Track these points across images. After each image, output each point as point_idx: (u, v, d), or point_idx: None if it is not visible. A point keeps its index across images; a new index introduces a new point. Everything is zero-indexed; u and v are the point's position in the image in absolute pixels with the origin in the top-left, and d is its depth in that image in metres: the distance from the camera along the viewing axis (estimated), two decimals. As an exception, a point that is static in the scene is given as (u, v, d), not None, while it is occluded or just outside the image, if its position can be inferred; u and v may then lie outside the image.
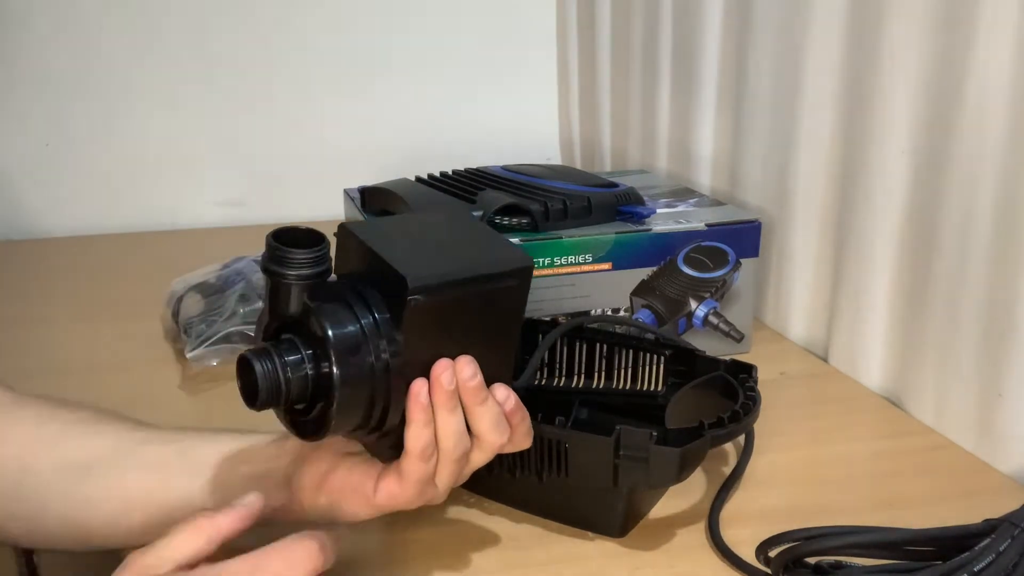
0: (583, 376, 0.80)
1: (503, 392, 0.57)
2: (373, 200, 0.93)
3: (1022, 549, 0.53)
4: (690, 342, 0.83)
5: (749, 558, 0.62)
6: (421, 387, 0.54)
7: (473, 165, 0.97)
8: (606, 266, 0.88)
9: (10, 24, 1.28)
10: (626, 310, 0.89)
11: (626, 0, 1.25)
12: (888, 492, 0.72)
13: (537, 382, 0.79)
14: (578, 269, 0.87)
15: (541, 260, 0.85)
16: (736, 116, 1.05)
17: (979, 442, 0.76)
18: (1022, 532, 0.54)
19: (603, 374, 0.79)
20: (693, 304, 0.91)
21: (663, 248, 0.89)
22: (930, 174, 0.78)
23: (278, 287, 0.52)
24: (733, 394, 0.70)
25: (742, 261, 0.91)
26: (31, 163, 1.34)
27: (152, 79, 1.34)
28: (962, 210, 0.75)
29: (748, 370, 0.72)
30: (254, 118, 1.39)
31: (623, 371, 0.79)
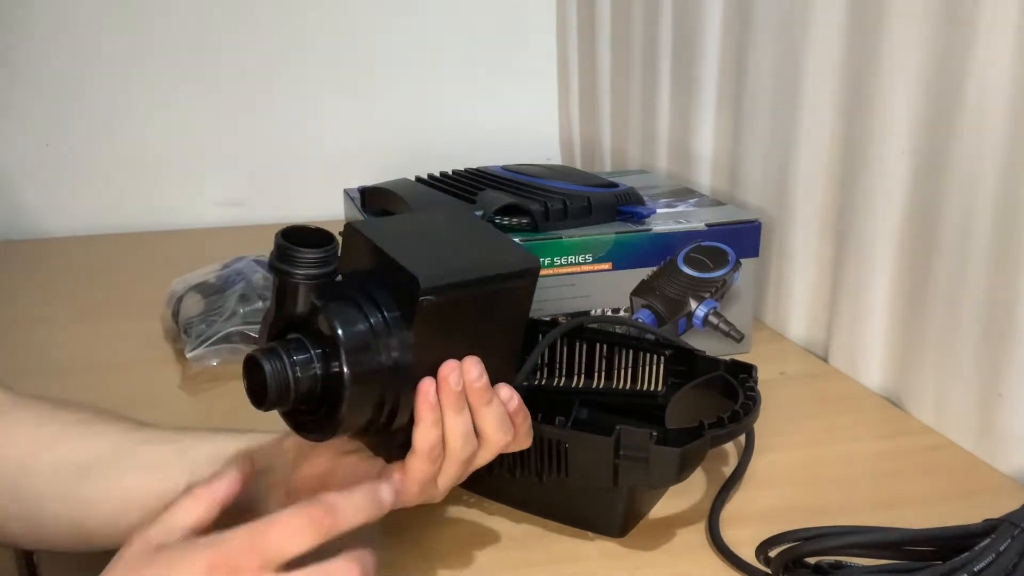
0: (583, 376, 0.80)
1: (507, 392, 0.57)
2: (373, 200, 0.93)
3: (1022, 549, 0.53)
4: (690, 342, 0.83)
5: (749, 558, 0.62)
6: (430, 386, 0.54)
7: (473, 165, 0.97)
8: (606, 266, 0.88)
9: (10, 24, 1.28)
10: (626, 310, 0.89)
11: (626, 0, 1.25)
12: (888, 492, 0.72)
13: (537, 382, 0.79)
14: (578, 269, 0.87)
15: (541, 260, 0.85)
16: (736, 116, 1.05)
17: (979, 442, 0.76)
18: (1022, 532, 0.54)
19: (603, 374, 0.79)
20: (693, 304, 0.91)
21: (663, 248, 0.89)
22: (930, 174, 0.78)
23: (285, 286, 0.52)
24: (733, 394, 0.70)
25: (742, 261, 0.91)
26: (31, 163, 1.34)
27: (152, 79, 1.34)
28: (962, 210, 0.75)
29: (748, 370, 0.72)
30: (254, 118, 1.39)
31: (623, 371, 0.79)
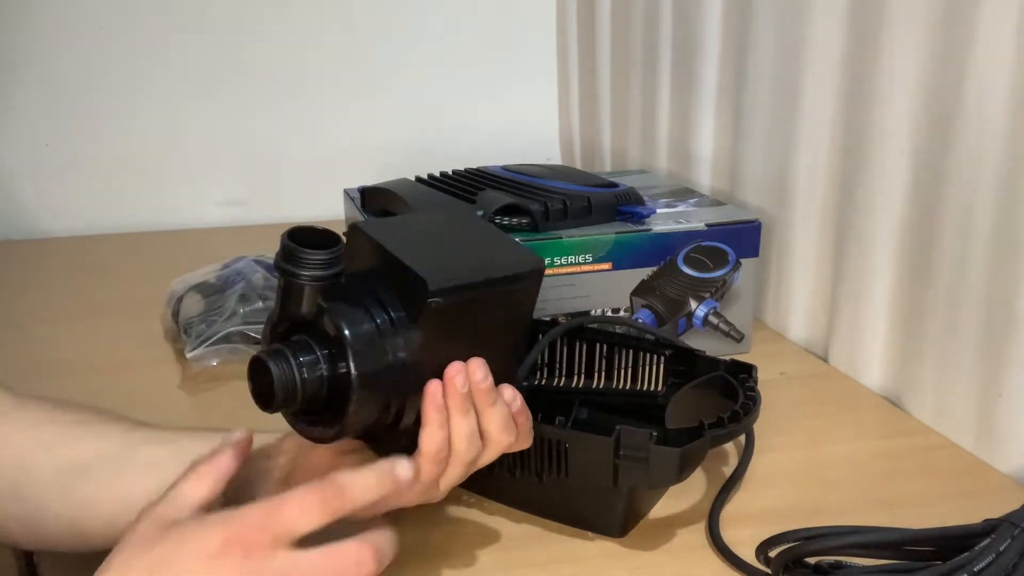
0: (583, 376, 0.80)
1: (510, 393, 0.58)
2: (373, 200, 0.93)
3: (1022, 549, 0.53)
4: (690, 342, 0.83)
5: (749, 558, 0.62)
6: (437, 388, 0.54)
7: (473, 165, 0.97)
8: (606, 266, 0.88)
9: (10, 24, 1.28)
10: (626, 310, 0.89)
11: (626, 0, 1.25)
12: (888, 492, 0.72)
13: (537, 382, 0.79)
14: (578, 269, 0.87)
15: (541, 260, 0.85)
16: (736, 116, 1.05)
17: (979, 442, 0.76)
18: (1022, 532, 0.54)
19: (603, 374, 0.79)
20: (693, 304, 0.91)
21: (663, 248, 0.89)
22: (930, 174, 0.78)
23: (290, 287, 0.52)
24: (733, 394, 0.70)
25: (742, 261, 0.91)
26: (31, 163, 1.34)
27: (152, 79, 1.34)
28: (962, 210, 0.75)
29: (748, 370, 0.72)
30: (254, 118, 1.39)
31: (623, 371, 0.79)
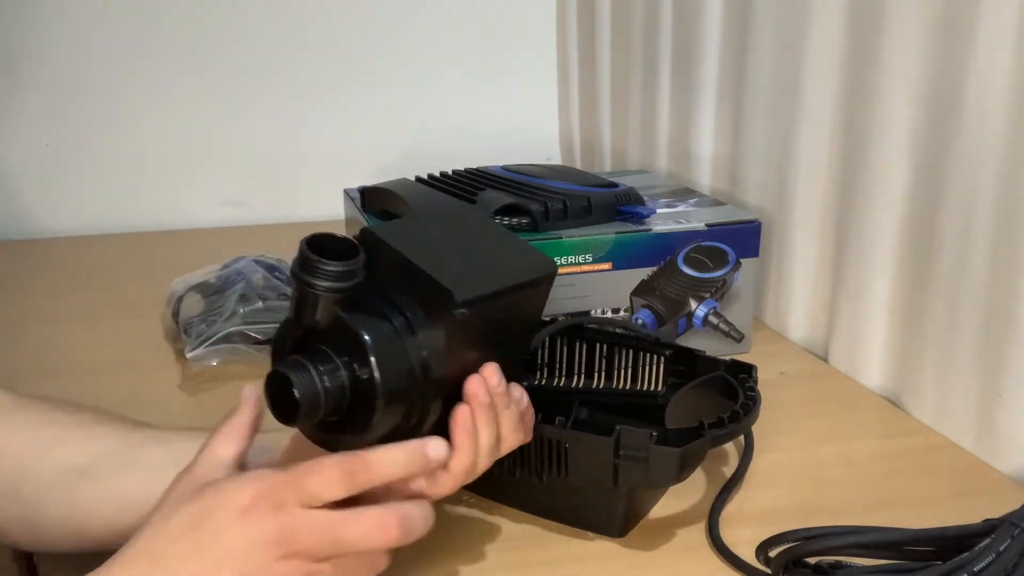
0: (583, 376, 0.80)
1: (518, 392, 0.58)
2: (373, 200, 0.93)
3: (1022, 549, 0.53)
4: (690, 342, 0.83)
5: (749, 558, 0.62)
6: (467, 414, 0.55)
7: (473, 165, 0.97)
8: (606, 266, 0.88)
9: (11, 24, 1.28)
10: (626, 310, 0.89)
11: (626, 0, 1.25)
12: (888, 492, 0.72)
13: (537, 382, 0.79)
14: (578, 269, 0.87)
15: (541, 260, 0.85)
16: (736, 116, 1.05)
17: (979, 442, 0.76)
18: (1022, 532, 0.54)
19: (603, 374, 0.79)
20: (693, 304, 0.91)
21: (663, 248, 0.89)
22: (930, 174, 0.78)
23: (306, 296, 0.50)
24: (733, 394, 0.70)
25: (742, 261, 0.91)
26: (31, 163, 1.34)
27: (152, 79, 1.34)
28: (962, 210, 0.75)
29: (748, 370, 0.72)
30: (254, 118, 1.39)
31: (623, 371, 0.79)
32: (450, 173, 0.96)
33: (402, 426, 0.54)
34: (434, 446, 0.52)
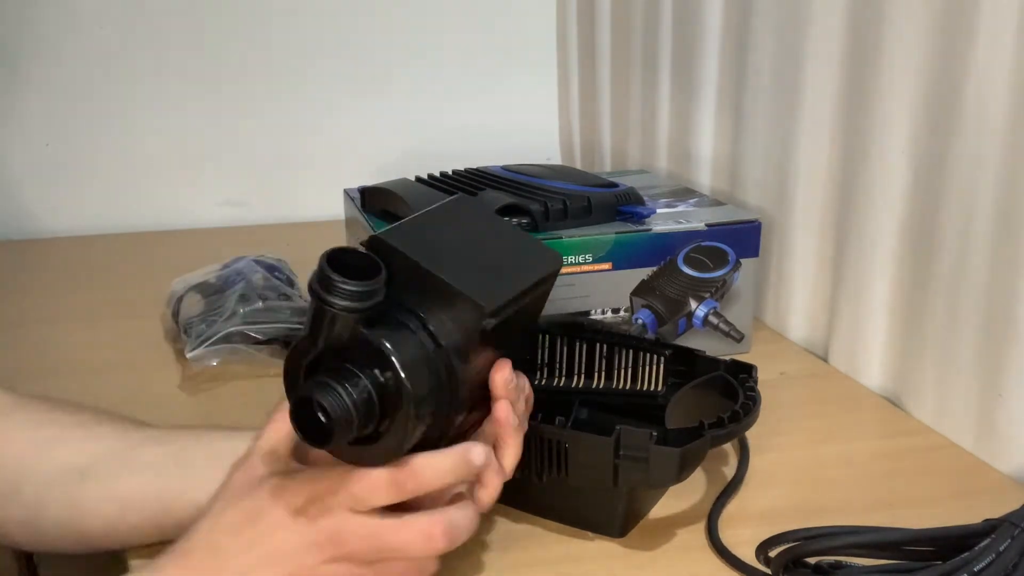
0: (583, 376, 0.80)
1: (523, 380, 0.59)
2: (373, 200, 0.93)
3: (1022, 549, 0.53)
4: (690, 342, 0.83)
5: (749, 558, 0.62)
6: (508, 412, 0.56)
7: (473, 165, 0.97)
8: (606, 266, 0.88)
9: (11, 24, 1.28)
10: (626, 310, 0.89)
11: (626, 0, 1.25)
12: (888, 492, 0.72)
13: (537, 382, 0.79)
14: (578, 269, 0.87)
15: (541, 260, 0.85)
16: (736, 116, 1.05)
17: (979, 442, 0.76)
18: (1022, 532, 0.54)
19: (603, 374, 0.79)
20: (693, 304, 0.91)
21: (663, 248, 0.89)
22: (930, 174, 0.78)
23: (323, 313, 0.49)
24: (733, 394, 0.70)
25: (742, 261, 0.91)
26: (31, 163, 1.34)
27: (152, 79, 1.34)
28: (962, 210, 0.75)
29: (748, 370, 0.72)
30: (254, 118, 1.39)
31: (623, 371, 0.79)
32: (450, 173, 0.96)
33: (430, 435, 0.53)
34: (476, 451, 0.53)
